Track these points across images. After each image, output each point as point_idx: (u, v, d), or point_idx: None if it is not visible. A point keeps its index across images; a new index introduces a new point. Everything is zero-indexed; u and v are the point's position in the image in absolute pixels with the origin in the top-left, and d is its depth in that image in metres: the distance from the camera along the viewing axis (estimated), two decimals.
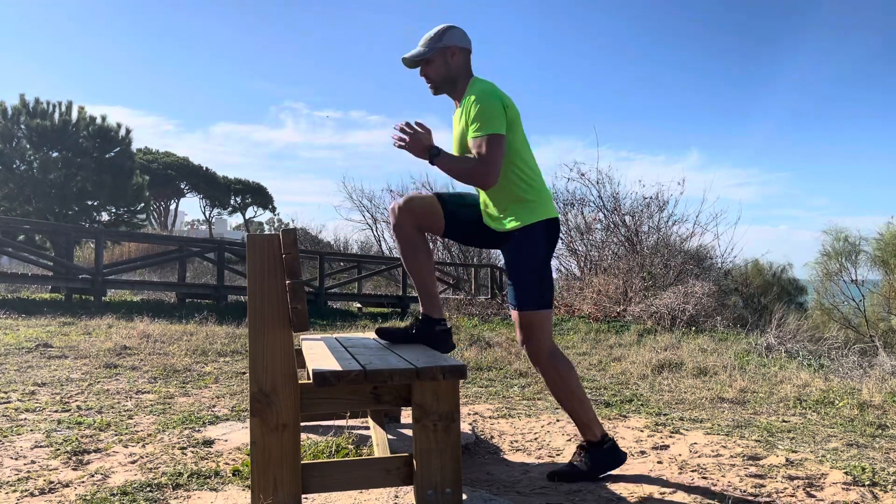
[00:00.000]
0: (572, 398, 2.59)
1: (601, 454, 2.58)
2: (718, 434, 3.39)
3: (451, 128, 2.70)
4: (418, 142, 2.45)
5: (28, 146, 15.81)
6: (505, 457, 2.98)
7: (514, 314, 2.59)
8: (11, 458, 2.73)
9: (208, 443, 3.03)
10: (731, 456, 2.94)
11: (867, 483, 2.54)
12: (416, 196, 2.63)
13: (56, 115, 16.05)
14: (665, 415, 3.89)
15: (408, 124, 2.48)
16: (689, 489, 2.49)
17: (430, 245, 2.77)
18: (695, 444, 3.16)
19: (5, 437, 3.03)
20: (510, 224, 2.52)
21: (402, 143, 2.47)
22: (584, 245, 14.45)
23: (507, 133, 2.46)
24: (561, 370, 2.59)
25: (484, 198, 2.61)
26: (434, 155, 2.44)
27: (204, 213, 41.85)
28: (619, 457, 2.62)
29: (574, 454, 2.64)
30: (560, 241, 14.87)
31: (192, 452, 2.87)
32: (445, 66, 2.56)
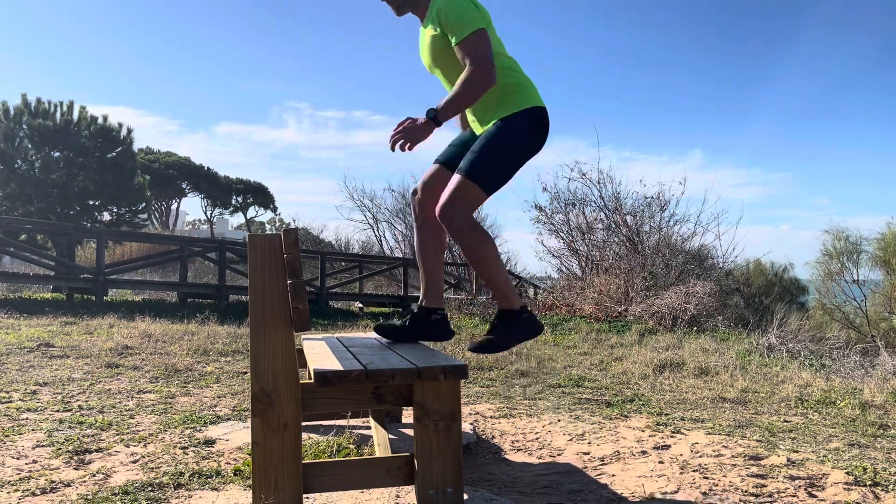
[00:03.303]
0: (490, 269, 2.45)
1: (517, 323, 2.49)
2: (720, 434, 3.39)
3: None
4: (413, 126, 2.34)
5: (30, 146, 15.83)
6: (506, 456, 2.98)
7: (453, 178, 2.41)
8: (13, 457, 2.73)
9: (210, 442, 3.03)
10: (733, 456, 2.94)
11: (869, 483, 2.53)
12: (426, 177, 2.59)
13: (58, 115, 16.08)
14: (666, 415, 3.89)
15: (397, 131, 2.37)
16: (691, 489, 2.49)
17: None
18: (696, 443, 3.16)
19: (7, 436, 3.03)
20: (497, 117, 2.44)
21: (404, 140, 2.35)
22: (586, 245, 14.44)
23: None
24: (480, 242, 2.43)
25: (472, 115, 2.55)
26: (432, 116, 2.33)
27: (205, 213, 41.90)
28: (536, 327, 2.53)
29: (491, 322, 2.54)
30: (561, 240, 14.93)
31: (194, 452, 2.87)
32: None
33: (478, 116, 2.53)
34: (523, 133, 2.43)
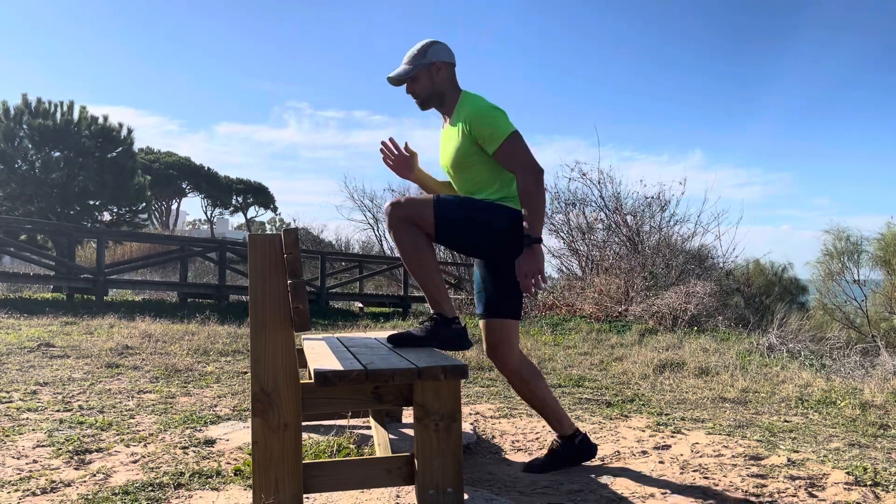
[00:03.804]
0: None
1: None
2: (720, 434, 3.39)
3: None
4: (533, 263, 2.38)
5: (30, 146, 15.84)
6: (506, 456, 2.98)
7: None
8: (13, 457, 2.73)
9: (210, 442, 3.03)
10: (733, 456, 2.94)
11: (869, 483, 2.53)
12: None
13: (58, 115, 16.08)
14: (666, 415, 3.89)
15: (532, 283, 2.40)
16: (691, 489, 2.49)
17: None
18: (696, 443, 3.16)
19: (7, 436, 3.03)
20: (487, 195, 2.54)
21: (535, 278, 2.39)
22: (586, 245, 14.43)
23: None
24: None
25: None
26: (536, 240, 2.39)
27: (205, 213, 41.90)
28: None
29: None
30: (561, 240, 14.91)
31: (194, 452, 2.87)
32: (431, 81, 2.57)
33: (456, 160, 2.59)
34: (517, 247, 2.47)
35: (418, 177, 2.78)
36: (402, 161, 2.73)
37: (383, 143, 2.75)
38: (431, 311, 2.53)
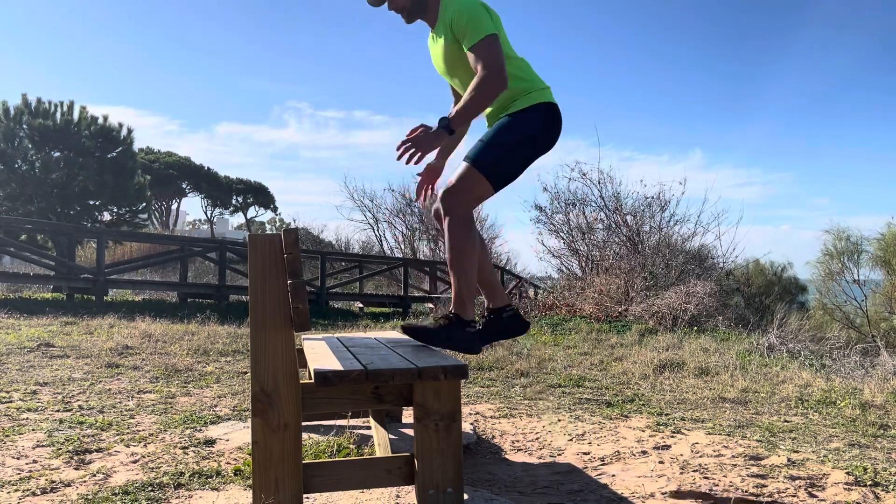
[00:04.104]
0: (461, 268, 2.41)
1: (459, 331, 2.43)
2: (720, 434, 3.39)
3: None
4: (425, 136, 2.29)
5: (30, 146, 15.84)
6: (506, 457, 2.98)
7: (461, 165, 2.40)
8: (13, 457, 2.73)
9: (210, 442, 3.03)
10: (733, 456, 2.94)
11: (869, 483, 2.53)
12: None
13: (58, 115, 16.08)
14: (666, 415, 3.89)
15: (403, 141, 2.33)
16: (691, 489, 2.48)
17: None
18: (696, 443, 3.16)
19: (7, 436, 3.03)
20: (511, 110, 2.44)
21: (415, 151, 2.29)
22: (586, 245, 14.44)
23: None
24: (466, 237, 2.38)
25: (487, 116, 2.55)
26: (445, 125, 2.30)
27: (205, 213, 41.89)
28: (472, 344, 2.45)
29: (440, 319, 2.49)
30: (561, 240, 14.93)
31: (194, 452, 2.87)
32: None
33: (492, 120, 2.53)
34: (535, 126, 2.42)
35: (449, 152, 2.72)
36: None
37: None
38: (451, 309, 2.44)
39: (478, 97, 2.28)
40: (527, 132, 2.41)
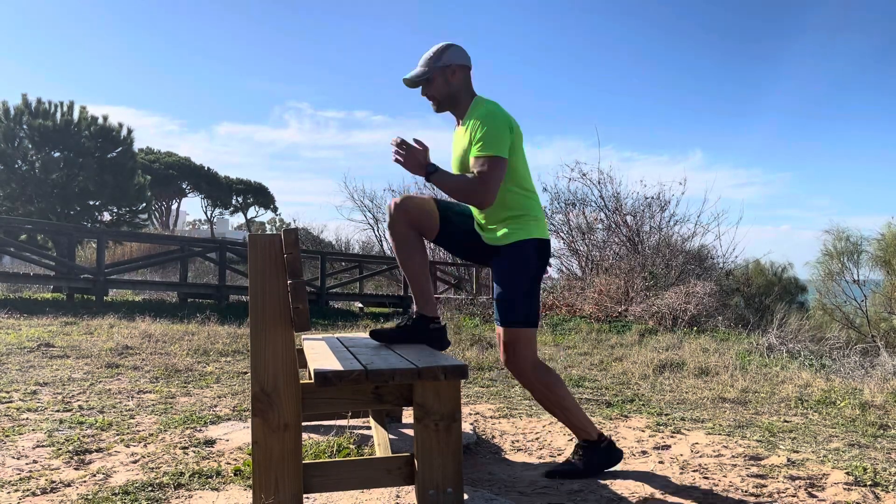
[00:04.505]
0: (563, 409, 2.62)
1: (598, 453, 2.63)
2: (720, 434, 3.39)
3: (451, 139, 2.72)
4: (414, 158, 2.48)
5: (30, 146, 15.83)
6: (506, 457, 2.98)
7: (499, 330, 2.59)
8: (13, 457, 2.73)
9: (210, 442, 3.03)
10: (733, 456, 2.94)
11: (869, 483, 2.53)
12: (413, 196, 2.68)
13: (58, 116, 16.07)
14: (666, 415, 3.89)
15: (403, 141, 2.50)
16: (691, 489, 2.49)
17: (430, 246, 2.79)
18: (696, 444, 3.16)
19: (7, 436, 3.03)
20: (501, 235, 2.54)
21: (399, 159, 2.50)
22: (586, 245, 14.45)
23: (510, 156, 2.49)
24: (548, 384, 2.59)
25: (478, 213, 2.64)
26: (431, 172, 2.47)
27: (205, 213, 41.87)
28: (615, 455, 2.68)
29: (572, 452, 2.68)
30: (561, 240, 14.93)
31: (194, 452, 2.87)
32: (446, 84, 2.57)
33: (485, 219, 2.61)
34: (531, 263, 2.54)
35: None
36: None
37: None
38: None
39: (458, 190, 2.48)
40: (529, 275, 2.55)
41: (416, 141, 2.57)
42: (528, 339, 2.55)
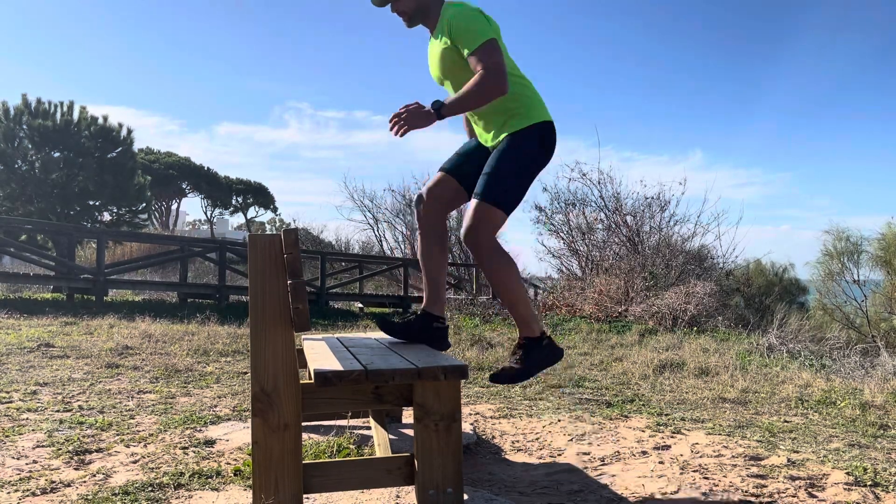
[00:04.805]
0: (511, 294, 2.51)
1: (538, 350, 2.54)
2: (720, 434, 3.39)
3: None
4: (414, 113, 2.38)
5: (30, 146, 15.82)
6: (506, 457, 2.98)
7: (472, 203, 2.47)
8: (13, 457, 2.73)
9: (210, 442, 3.03)
10: (733, 456, 2.94)
11: (869, 483, 2.53)
12: (432, 184, 2.63)
13: (58, 116, 16.07)
14: (666, 415, 3.89)
15: (394, 114, 2.41)
16: (691, 489, 2.49)
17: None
18: (696, 444, 3.16)
19: (7, 436, 3.03)
20: (505, 127, 2.49)
21: (404, 125, 2.38)
22: (586, 245, 14.45)
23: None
24: (503, 266, 2.48)
25: (483, 131, 2.58)
26: (437, 108, 2.38)
27: (205, 213, 41.84)
28: (556, 353, 2.58)
29: (511, 353, 2.60)
30: (561, 240, 14.93)
31: (194, 452, 2.87)
32: None
33: (485, 124, 2.56)
34: (533, 149, 2.47)
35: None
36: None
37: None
38: (521, 336, 2.54)
39: (475, 94, 2.34)
40: (525, 157, 2.47)
41: (405, 105, 2.51)
42: (496, 220, 2.46)
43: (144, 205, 18.13)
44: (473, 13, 2.41)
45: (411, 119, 2.38)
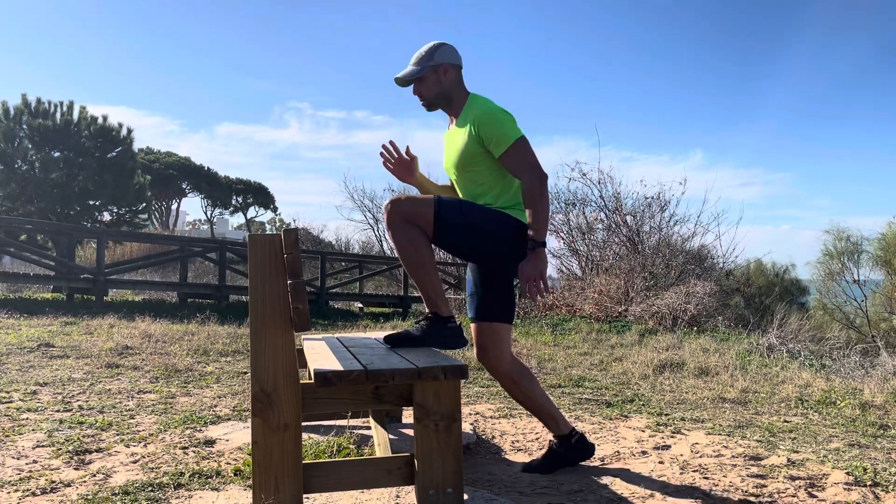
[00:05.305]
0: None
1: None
2: (720, 434, 3.39)
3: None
4: (536, 268, 2.39)
5: (30, 146, 15.83)
6: (506, 457, 2.98)
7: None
8: (13, 457, 2.73)
9: (210, 442, 3.03)
10: (733, 456, 2.94)
11: (869, 483, 2.53)
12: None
13: (58, 115, 16.07)
14: (666, 415, 3.89)
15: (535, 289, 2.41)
16: (691, 489, 2.49)
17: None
18: (696, 444, 3.16)
19: (7, 436, 3.03)
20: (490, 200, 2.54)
21: (543, 282, 2.39)
22: (586, 245, 14.44)
23: None
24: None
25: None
26: (542, 242, 2.41)
27: (205, 213, 41.85)
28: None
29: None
30: (561, 240, 14.92)
31: (194, 452, 2.87)
32: (438, 83, 2.58)
33: (458, 172, 2.61)
34: (518, 250, 2.49)
35: (418, 180, 2.78)
36: (402, 164, 2.73)
37: (384, 147, 2.75)
38: (427, 311, 2.51)
39: (540, 202, 2.43)
40: (506, 265, 2.56)
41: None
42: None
43: (144, 205, 18.13)
44: (500, 112, 2.49)
45: (538, 273, 2.39)
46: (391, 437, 2.82)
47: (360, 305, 15.36)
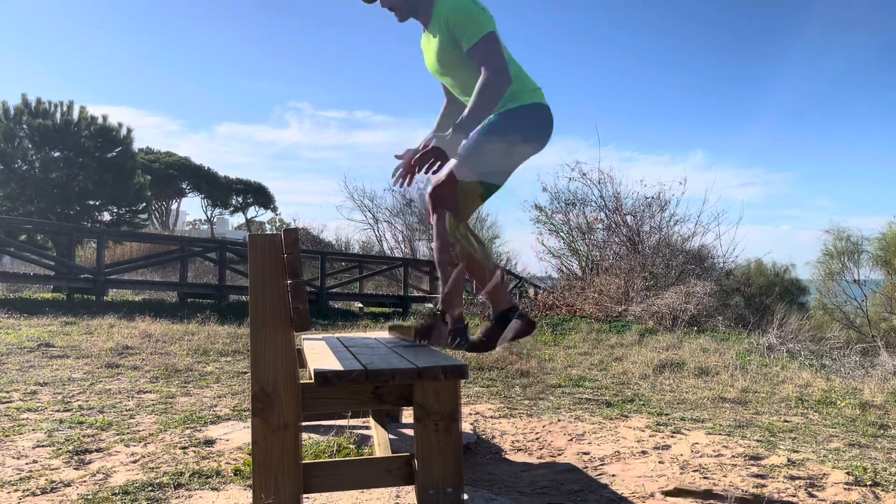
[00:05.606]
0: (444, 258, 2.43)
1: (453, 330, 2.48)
2: (720, 434, 3.39)
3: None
4: (433, 150, 2.29)
5: (30, 146, 15.83)
6: (506, 457, 2.98)
7: (451, 161, 2.37)
8: (13, 457, 2.73)
9: (210, 442, 3.03)
10: (733, 456, 2.94)
11: (869, 483, 2.53)
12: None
13: (58, 115, 16.07)
14: (666, 415, 3.89)
15: (406, 162, 2.36)
16: (691, 489, 2.48)
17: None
18: (696, 443, 3.16)
19: (7, 436, 3.03)
20: (500, 110, 2.41)
21: (432, 168, 2.29)
22: (586, 245, 14.44)
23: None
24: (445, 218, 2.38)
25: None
26: (456, 130, 2.29)
27: (205, 213, 41.82)
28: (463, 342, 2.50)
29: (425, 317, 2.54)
30: (561, 240, 14.93)
31: (194, 452, 2.87)
32: None
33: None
34: (525, 125, 2.40)
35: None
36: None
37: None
38: (437, 308, 2.45)
39: (487, 99, 2.28)
40: (514, 133, 2.39)
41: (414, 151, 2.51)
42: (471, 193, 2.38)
43: (144, 204, 18.13)
44: (468, 5, 2.36)
45: (429, 156, 2.28)
46: (391, 437, 2.82)
47: (360, 305, 15.35)
